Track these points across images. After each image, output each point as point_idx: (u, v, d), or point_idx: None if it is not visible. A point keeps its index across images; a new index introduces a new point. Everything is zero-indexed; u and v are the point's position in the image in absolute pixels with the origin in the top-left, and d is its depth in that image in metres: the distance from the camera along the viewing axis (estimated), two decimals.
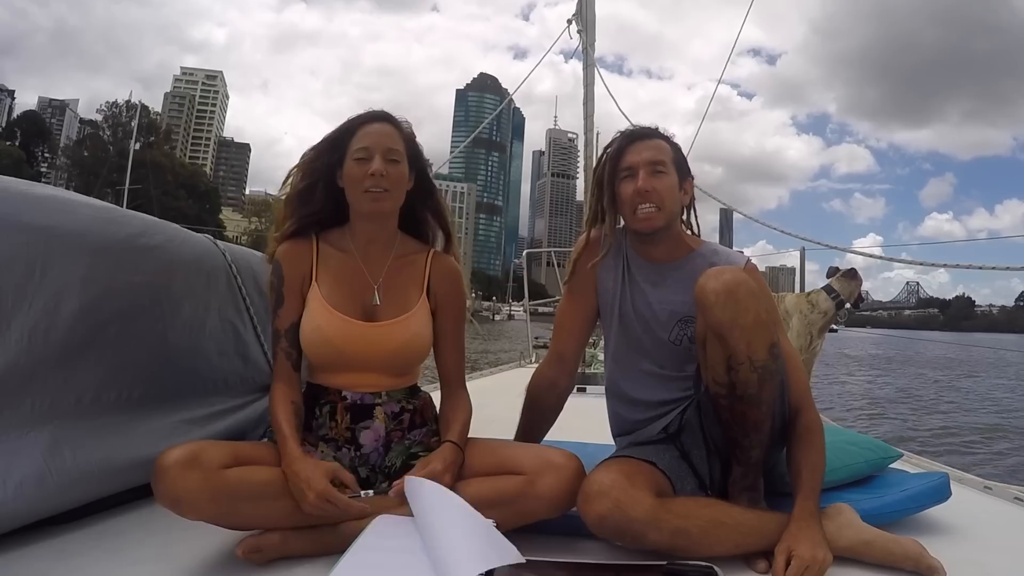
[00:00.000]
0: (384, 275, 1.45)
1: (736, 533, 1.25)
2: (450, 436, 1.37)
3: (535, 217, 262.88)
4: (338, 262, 1.45)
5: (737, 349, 1.26)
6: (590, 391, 3.53)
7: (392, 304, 1.44)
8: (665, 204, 1.48)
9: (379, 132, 1.42)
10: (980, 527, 1.55)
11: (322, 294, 1.41)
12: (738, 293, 1.26)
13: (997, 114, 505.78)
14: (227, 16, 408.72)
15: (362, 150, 1.39)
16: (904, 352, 21.81)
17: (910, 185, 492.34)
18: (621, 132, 1.57)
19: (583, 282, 1.62)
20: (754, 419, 1.32)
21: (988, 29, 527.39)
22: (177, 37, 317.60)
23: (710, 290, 1.28)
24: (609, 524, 1.20)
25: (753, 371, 1.27)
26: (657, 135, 1.55)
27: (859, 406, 11.65)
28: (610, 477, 1.24)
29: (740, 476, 1.39)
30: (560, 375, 1.63)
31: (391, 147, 1.41)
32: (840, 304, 3.69)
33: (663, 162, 1.49)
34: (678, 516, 1.23)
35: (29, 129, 69.88)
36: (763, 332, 1.27)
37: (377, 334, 1.40)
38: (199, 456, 1.13)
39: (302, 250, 1.44)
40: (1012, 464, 6.59)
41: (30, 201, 1.40)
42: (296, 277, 1.42)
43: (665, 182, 1.49)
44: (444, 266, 1.52)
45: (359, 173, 1.38)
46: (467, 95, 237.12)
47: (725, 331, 1.26)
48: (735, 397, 1.31)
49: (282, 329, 1.41)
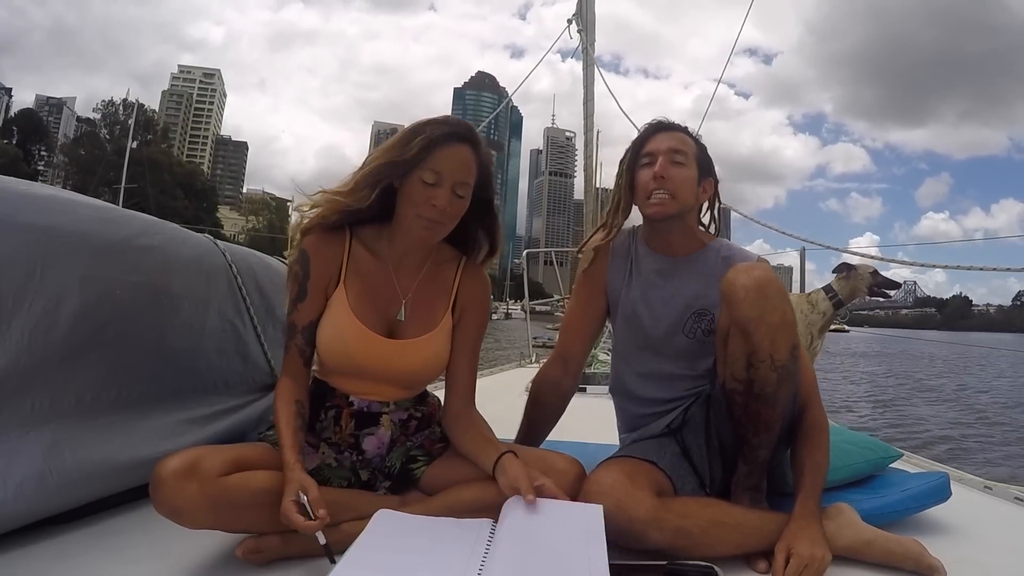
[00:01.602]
0: (414, 289, 1.41)
1: (737, 533, 1.25)
2: (502, 447, 1.30)
3: (533, 216, 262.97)
4: (369, 267, 1.38)
5: (760, 346, 1.26)
6: (591, 391, 3.53)
7: (417, 320, 1.39)
8: (679, 193, 1.49)
9: (458, 160, 1.30)
10: (980, 527, 1.55)
11: (348, 301, 1.35)
12: (768, 290, 1.26)
13: (992, 114, 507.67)
14: (224, 14, 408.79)
15: (433, 174, 1.28)
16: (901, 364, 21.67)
17: (906, 185, 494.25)
18: (648, 123, 1.59)
19: (592, 285, 1.63)
20: (767, 418, 1.32)
21: (983, 30, 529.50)
22: (174, 35, 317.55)
23: (740, 285, 1.27)
24: (610, 524, 1.20)
25: (773, 370, 1.27)
26: (684, 130, 1.57)
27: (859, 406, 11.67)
28: (611, 477, 1.24)
29: (745, 475, 1.40)
30: (564, 376, 1.63)
31: (464, 181, 1.31)
32: (839, 304, 3.69)
33: (683, 152, 1.51)
34: (679, 516, 1.23)
35: (26, 127, 69.76)
36: (787, 332, 1.27)
37: (397, 352, 1.37)
38: (196, 465, 1.11)
39: (334, 246, 1.37)
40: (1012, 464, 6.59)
41: (30, 201, 1.40)
42: (323, 274, 1.36)
43: (683, 173, 1.50)
44: (474, 277, 1.46)
45: (422, 197, 1.29)
46: (465, 93, 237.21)
47: (752, 327, 1.26)
48: (752, 395, 1.31)
49: (300, 325, 1.36)
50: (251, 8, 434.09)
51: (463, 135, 1.32)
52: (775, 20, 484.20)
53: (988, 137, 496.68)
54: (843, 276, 3.73)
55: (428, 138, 1.29)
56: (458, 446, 1.38)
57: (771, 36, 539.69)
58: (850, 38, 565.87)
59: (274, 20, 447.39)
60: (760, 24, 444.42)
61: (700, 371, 1.50)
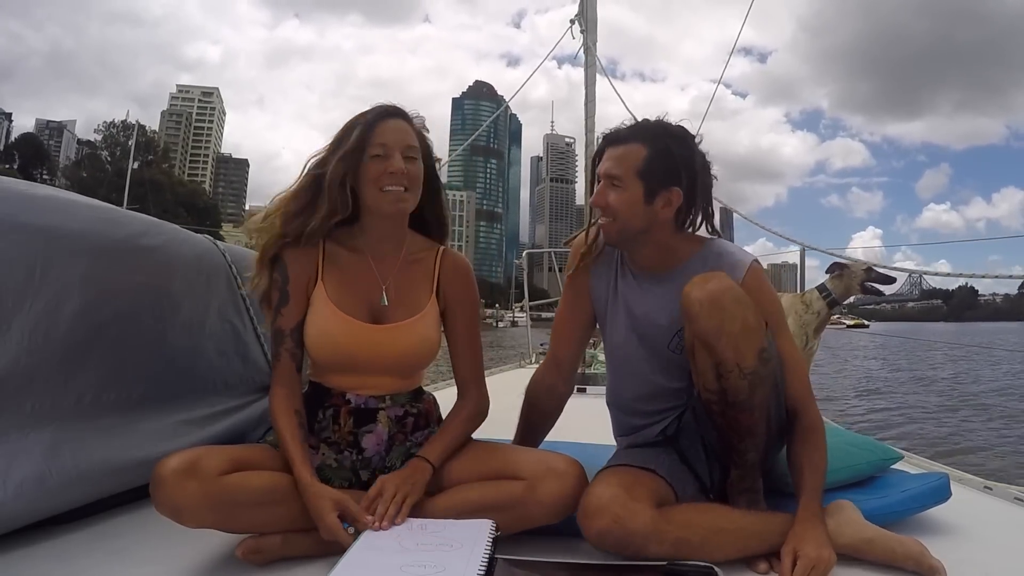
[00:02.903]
0: (394, 275, 1.43)
1: (737, 538, 1.24)
2: (424, 451, 1.36)
3: (535, 222, 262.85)
4: (347, 261, 1.42)
5: (725, 357, 1.25)
6: (590, 391, 3.52)
7: (401, 306, 1.42)
8: (619, 216, 1.42)
9: (396, 129, 1.38)
10: (981, 527, 1.55)
11: (328, 295, 1.38)
12: (723, 301, 1.25)
13: (988, 103, 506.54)
14: (221, 34, 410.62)
15: (380, 147, 1.35)
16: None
17: (906, 177, 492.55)
18: (604, 134, 1.50)
19: (578, 288, 1.61)
20: (747, 424, 1.31)
21: (973, 19, 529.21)
22: (172, 56, 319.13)
23: (694, 299, 1.26)
24: (610, 539, 1.20)
25: (743, 378, 1.26)
26: (633, 137, 1.43)
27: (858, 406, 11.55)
28: (609, 491, 1.23)
29: (738, 479, 1.39)
30: (558, 380, 1.62)
31: (409, 144, 1.38)
32: (833, 303, 3.67)
33: (618, 176, 1.41)
34: (679, 527, 1.22)
35: (27, 151, 70.13)
36: (751, 338, 1.26)
37: (385, 337, 1.39)
38: (197, 464, 1.12)
39: (308, 251, 1.40)
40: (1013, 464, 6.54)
41: (30, 201, 1.40)
42: (302, 275, 1.38)
43: (621, 196, 1.41)
44: (454, 263, 1.49)
45: (379, 170, 1.35)
46: (463, 103, 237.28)
47: (712, 339, 1.25)
48: (727, 403, 1.30)
49: (287, 328, 1.38)
50: (246, 26, 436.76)
51: (392, 111, 1.40)
52: (768, 18, 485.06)
53: (985, 126, 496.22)
54: (836, 275, 3.72)
55: (363, 124, 1.37)
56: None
57: (765, 35, 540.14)
58: (843, 33, 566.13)
59: (270, 38, 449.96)
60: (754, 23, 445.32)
61: (688, 382, 1.49)
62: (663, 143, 1.42)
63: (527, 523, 1.29)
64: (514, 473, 1.31)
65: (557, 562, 1.18)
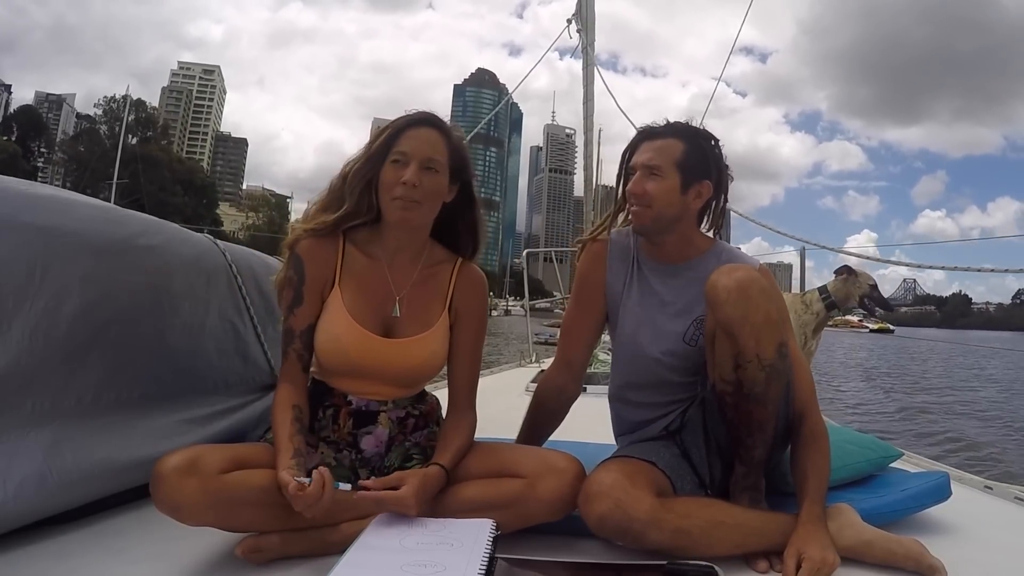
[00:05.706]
0: (409, 286, 1.41)
1: (737, 533, 1.25)
2: (440, 458, 1.31)
3: (532, 212, 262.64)
4: (363, 267, 1.40)
5: (746, 346, 1.26)
6: (591, 391, 3.50)
7: (413, 319, 1.40)
8: (654, 205, 1.47)
9: (421, 138, 1.35)
10: (981, 527, 1.55)
11: (344, 301, 1.36)
12: (750, 291, 1.26)
13: (986, 113, 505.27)
14: (224, 13, 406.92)
15: (399, 154, 1.33)
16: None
17: (903, 183, 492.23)
18: (639, 129, 1.56)
19: (590, 288, 1.62)
20: (759, 418, 1.32)
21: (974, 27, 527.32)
22: (174, 34, 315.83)
23: (721, 287, 1.28)
24: (610, 524, 1.21)
25: (761, 369, 1.27)
26: (671, 133, 1.51)
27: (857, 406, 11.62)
28: (611, 477, 1.24)
29: (742, 475, 1.40)
30: (568, 381, 1.63)
31: (431, 156, 1.34)
32: (831, 306, 3.66)
33: (659, 166, 1.47)
34: (679, 516, 1.23)
35: (25, 123, 69.56)
36: (772, 331, 1.27)
37: (395, 351, 1.37)
38: (197, 462, 1.12)
39: (327, 251, 1.38)
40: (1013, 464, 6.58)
41: (30, 201, 1.40)
42: (319, 278, 1.37)
43: (660, 185, 1.47)
44: (470, 278, 1.47)
45: (392, 179, 1.32)
46: (465, 90, 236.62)
47: (735, 328, 1.27)
48: (741, 395, 1.31)
49: (297, 329, 1.37)
50: (250, 7, 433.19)
51: (425, 119, 1.38)
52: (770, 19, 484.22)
53: (983, 136, 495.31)
54: (842, 278, 3.70)
55: (392, 128, 1.36)
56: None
57: (766, 35, 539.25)
58: (843, 37, 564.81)
59: (273, 19, 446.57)
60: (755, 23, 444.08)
61: (696, 376, 1.50)
62: (696, 141, 1.51)
63: (527, 521, 1.29)
64: (514, 471, 1.31)
65: (557, 561, 1.18)
